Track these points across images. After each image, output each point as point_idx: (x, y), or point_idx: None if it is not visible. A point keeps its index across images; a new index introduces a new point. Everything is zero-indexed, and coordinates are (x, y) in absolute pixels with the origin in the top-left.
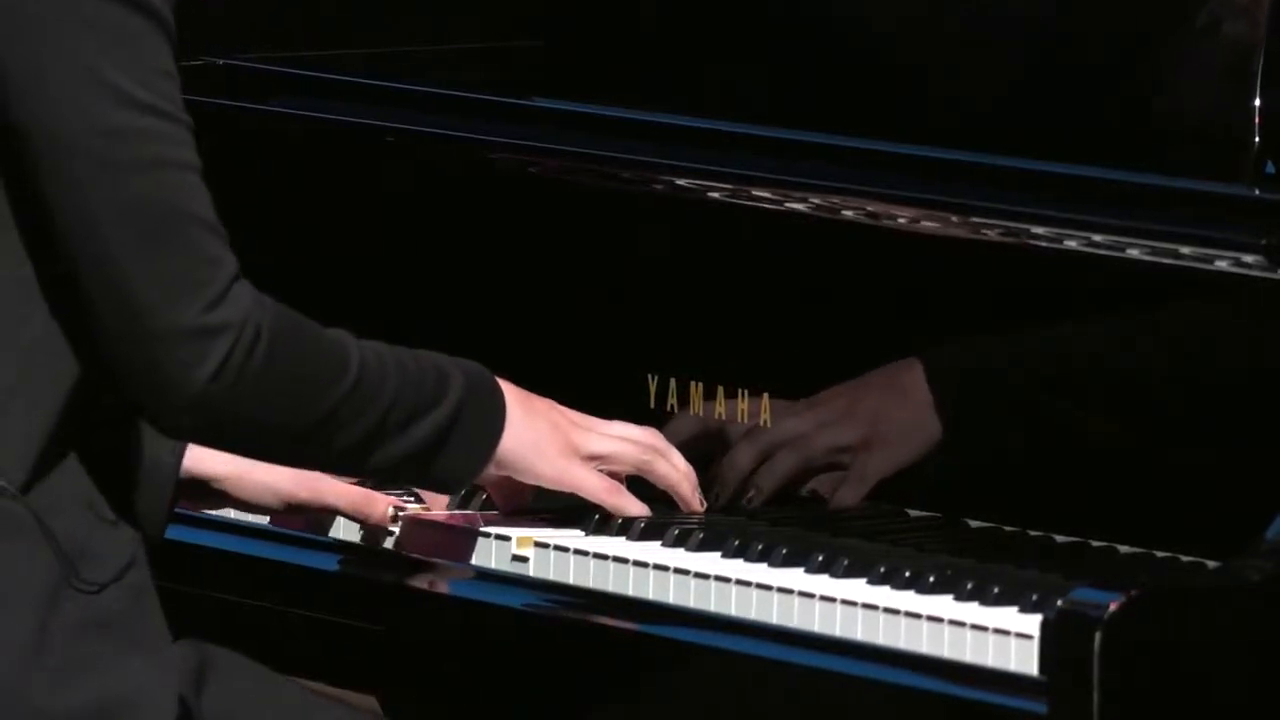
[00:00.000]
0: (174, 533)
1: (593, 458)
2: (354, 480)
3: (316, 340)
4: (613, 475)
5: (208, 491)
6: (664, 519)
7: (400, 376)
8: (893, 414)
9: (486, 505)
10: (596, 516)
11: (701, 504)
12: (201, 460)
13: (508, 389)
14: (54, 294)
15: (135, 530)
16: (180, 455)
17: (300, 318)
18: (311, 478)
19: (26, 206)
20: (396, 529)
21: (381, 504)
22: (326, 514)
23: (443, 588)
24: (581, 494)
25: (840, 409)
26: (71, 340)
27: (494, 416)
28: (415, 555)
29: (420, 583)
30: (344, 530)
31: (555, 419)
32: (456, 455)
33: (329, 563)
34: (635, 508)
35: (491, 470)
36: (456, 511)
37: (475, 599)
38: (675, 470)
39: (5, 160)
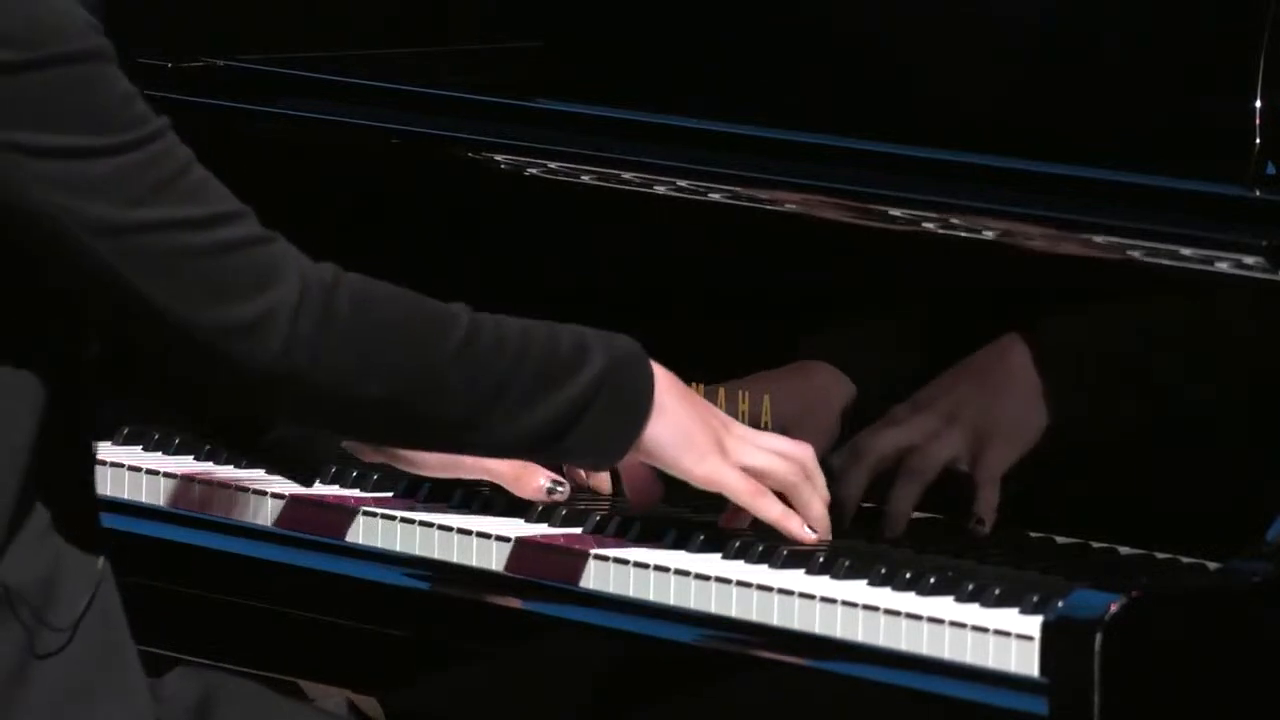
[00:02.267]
0: (174, 534)
1: (744, 468)
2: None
3: (409, 299)
4: None
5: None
6: (663, 523)
7: (525, 343)
8: (996, 409)
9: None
10: (598, 518)
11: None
12: None
13: (664, 376)
14: (16, 351)
15: (96, 546)
16: None
17: (386, 284)
18: None
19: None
20: (557, 497)
21: (538, 477)
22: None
23: (445, 589)
24: (728, 495)
25: (942, 415)
26: (38, 388)
27: (639, 398)
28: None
29: (423, 584)
30: (363, 534)
31: (710, 419)
32: (592, 435)
33: (332, 564)
34: (776, 512)
35: (636, 456)
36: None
37: (476, 601)
38: (818, 497)
39: None
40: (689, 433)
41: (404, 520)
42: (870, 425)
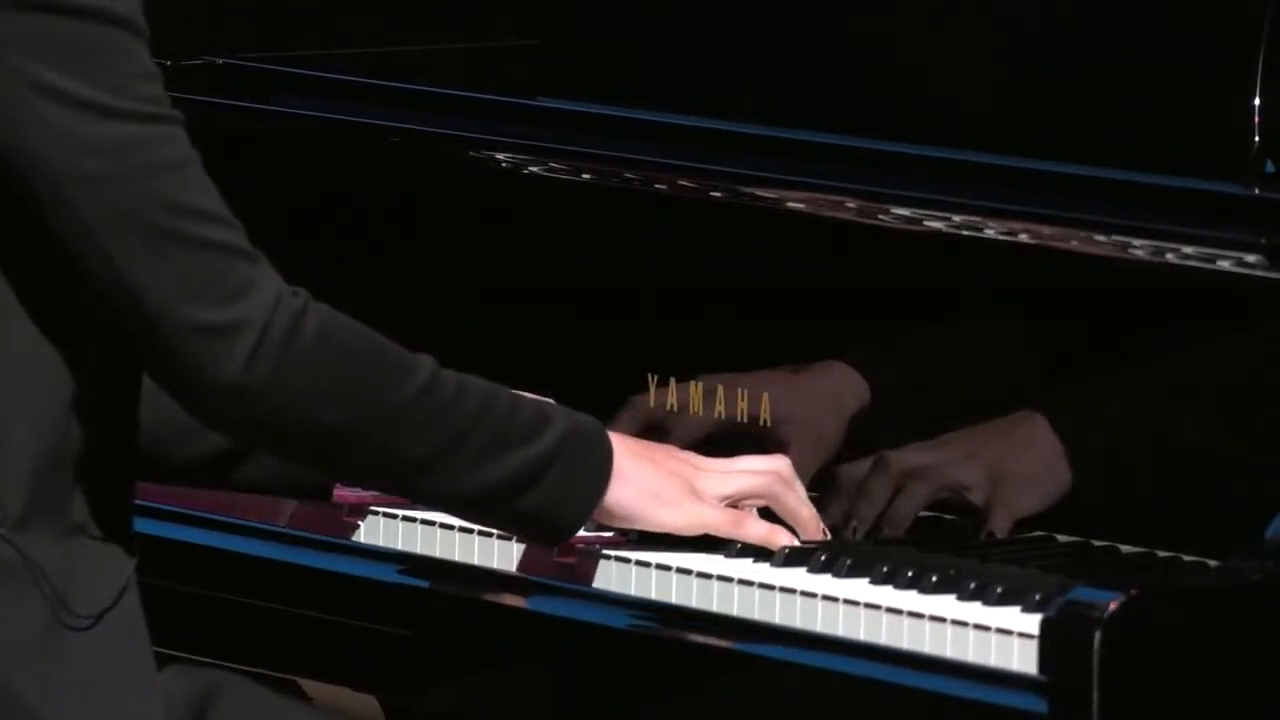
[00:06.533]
0: (176, 532)
1: (722, 498)
2: None
3: (375, 338)
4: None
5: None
6: None
7: (486, 400)
8: (1012, 465)
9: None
10: None
11: (824, 534)
12: None
13: (622, 440)
14: (43, 309)
15: (128, 549)
16: None
17: (354, 321)
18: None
19: (37, 237)
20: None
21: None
22: None
23: (445, 588)
24: (712, 533)
25: (964, 450)
26: (67, 356)
27: (598, 466)
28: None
29: (423, 583)
30: (364, 532)
31: (674, 466)
32: (548, 498)
33: (333, 562)
34: (761, 531)
35: (607, 521)
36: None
37: (477, 599)
38: (803, 503)
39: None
40: (654, 489)
41: (405, 518)
42: (897, 445)
